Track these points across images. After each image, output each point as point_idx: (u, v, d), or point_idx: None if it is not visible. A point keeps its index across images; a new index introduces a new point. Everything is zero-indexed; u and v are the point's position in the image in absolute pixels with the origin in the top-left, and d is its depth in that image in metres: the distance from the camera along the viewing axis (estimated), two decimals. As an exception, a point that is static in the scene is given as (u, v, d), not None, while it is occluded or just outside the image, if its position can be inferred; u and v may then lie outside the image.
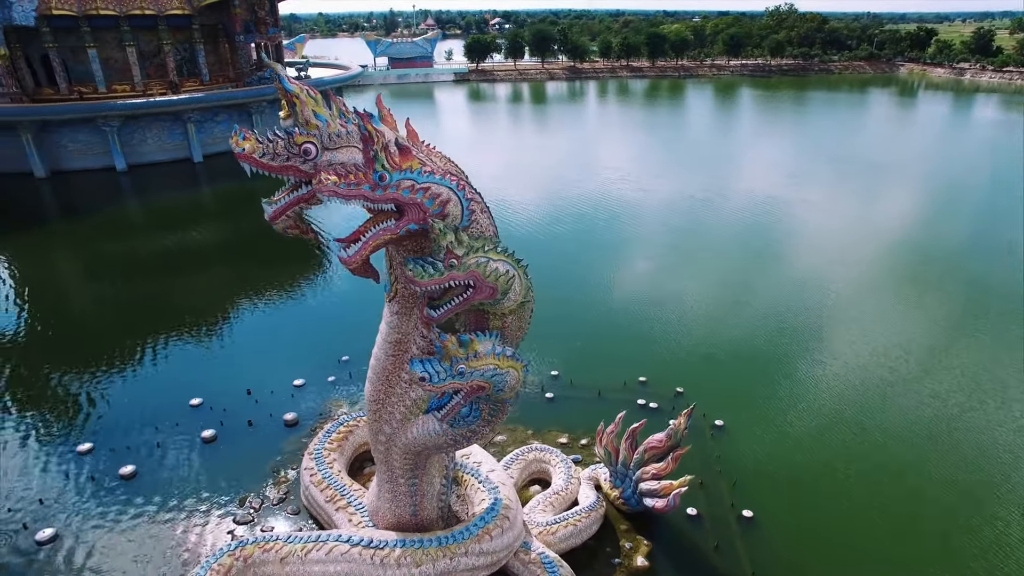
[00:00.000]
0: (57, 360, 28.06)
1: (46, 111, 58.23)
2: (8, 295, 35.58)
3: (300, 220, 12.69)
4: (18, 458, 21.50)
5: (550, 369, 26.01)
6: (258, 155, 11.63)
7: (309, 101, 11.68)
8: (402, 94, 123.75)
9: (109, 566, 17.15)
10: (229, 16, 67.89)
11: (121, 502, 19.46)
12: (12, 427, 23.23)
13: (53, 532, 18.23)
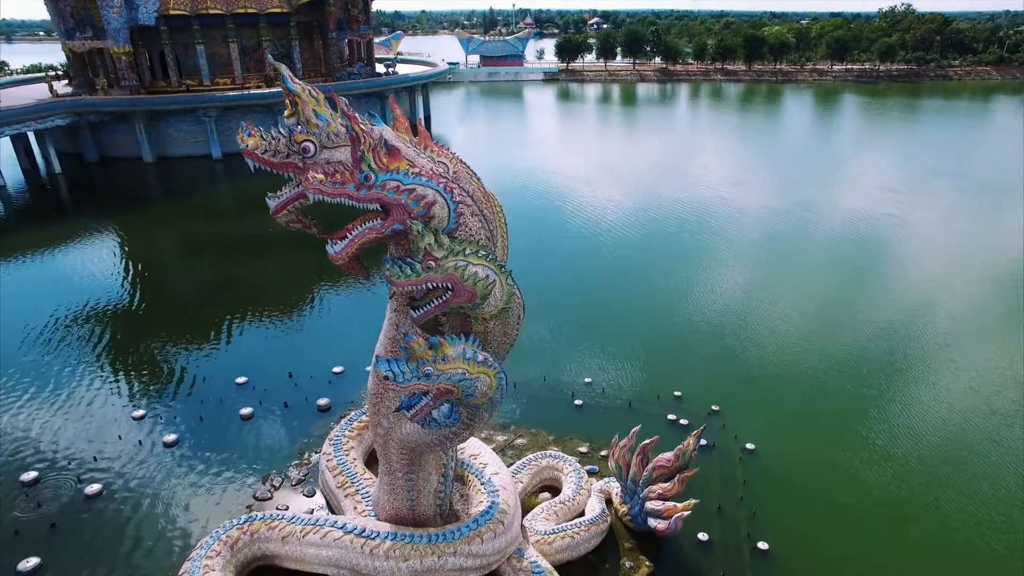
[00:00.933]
0: (137, 329, 30.77)
1: (156, 102, 63.26)
2: (114, 266, 39.56)
3: (302, 215, 13.12)
4: (84, 418, 23.55)
5: (584, 376, 25.63)
6: (260, 151, 12.12)
7: (310, 101, 12.03)
8: (491, 92, 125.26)
9: (141, 523, 18.53)
10: (324, 14, 71.12)
11: (161, 467, 20.92)
12: (84, 387, 25.48)
13: (100, 488, 19.86)
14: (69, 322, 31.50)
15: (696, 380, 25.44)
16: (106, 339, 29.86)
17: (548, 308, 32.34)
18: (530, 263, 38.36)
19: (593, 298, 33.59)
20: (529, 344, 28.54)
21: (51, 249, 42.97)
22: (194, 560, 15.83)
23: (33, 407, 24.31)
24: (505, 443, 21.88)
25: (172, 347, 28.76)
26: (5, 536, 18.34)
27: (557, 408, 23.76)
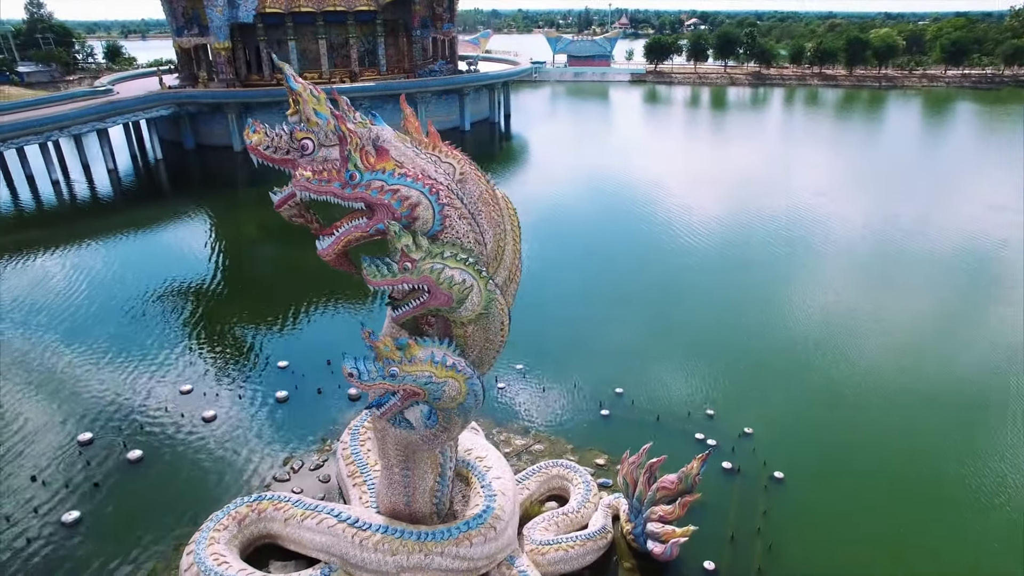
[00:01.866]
0: (208, 307, 33.23)
1: (245, 95, 67.14)
2: (200, 246, 42.79)
3: (305, 210, 13.46)
4: (140, 388, 25.33)
5: (616, 385, 25.02)
6: (263, 147, 12.48)
7: (311, 99, 12.28)
8: (577, 92, 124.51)
9: (172, 490, 19.81)
10: (409, 12, 72.95)
11: (198, 439, 22.20)
12: (146, 359, 27.41)
13: (141, 454, 21.32)
14: (151, 296, 34.09)
15: (732, 399, 24.30)
16: (178, 315, 32.04)
17: (595, 312, 31.92)
18: (586, 265, 38.10)
19: (644, 306, 32.77)
20: (567, 349, 28.30)
21: (148, 228, 46.84)
22: (203, 531, 16.66)
23: (101, 373, 26.41)
24: (522, 447, 21.71)
25: (233, 327, 30.49)
26: (57, 489, 20.02)
27: (583, 417, 23.35)
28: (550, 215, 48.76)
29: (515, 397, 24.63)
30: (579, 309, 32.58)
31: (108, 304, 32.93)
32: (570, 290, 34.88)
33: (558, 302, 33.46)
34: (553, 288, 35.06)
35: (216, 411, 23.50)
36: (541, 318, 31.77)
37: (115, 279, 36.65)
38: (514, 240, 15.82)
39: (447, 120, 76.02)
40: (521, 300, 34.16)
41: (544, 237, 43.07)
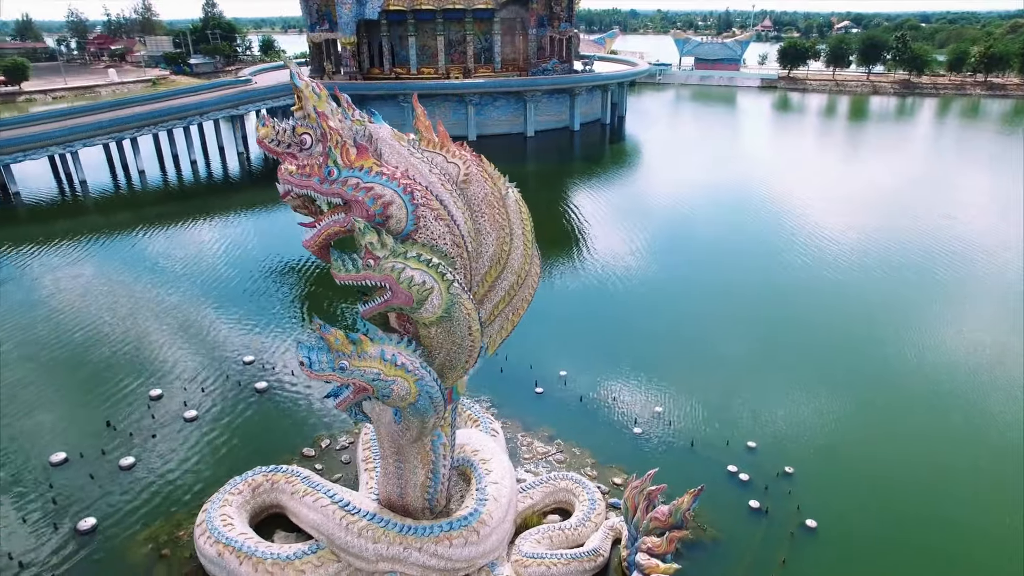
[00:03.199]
0: (302, 285, 35.69)
1: (363, 87, 70.81)
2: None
3: (310, 201, 14.02)
4: (208, 356, 27.63)
5: (656, 404, 23.96)
6: (268, 140, 13.13)
7: (311, 96, 12.74)
8: (702, 96, 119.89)
9: (217, 446, 21.56)
10: (527, 10, 73.51)
11: (249, 405, 23.93)
12: (223, 330, 29.87)
13: (195, 414, 23.30)
14: (259, 270, 37.50)
15: (780, 434, 22.46)
16: (276, 289, 34.70)
17: (653, 325, 30.72)
18: (660, 274, 36.64)
19: (710, 322, 31.06)
20: (615, 359, 27.48)
21: (267, 207, 50.79)
22: (220, 493, 17.91)
23: (184, 337, 29.14)
24: (543, 455, 21.35)
25: (326, 306, 32.59)
26: (121, 438, 22.33)
27: (614, 432, 22.57)
28: (641, 217, 47.46)
29: (549, 403, 24.27)
30: (639, 319, 31.50)
31: (220, 275, 36.49)
32: (634, 299, 33.78)
33: (618, 309, 32.56)
34: (618, 295, 34.16)
35: (268, 383, 25.13)
36: (596, 324, 31.12)
37: (234, 252, 40.81)
38: (525, 244, 15.62)
39: (556, 120, 75.96)
40: (574, 304, 32.71)
41: (623, 240, 42.06)
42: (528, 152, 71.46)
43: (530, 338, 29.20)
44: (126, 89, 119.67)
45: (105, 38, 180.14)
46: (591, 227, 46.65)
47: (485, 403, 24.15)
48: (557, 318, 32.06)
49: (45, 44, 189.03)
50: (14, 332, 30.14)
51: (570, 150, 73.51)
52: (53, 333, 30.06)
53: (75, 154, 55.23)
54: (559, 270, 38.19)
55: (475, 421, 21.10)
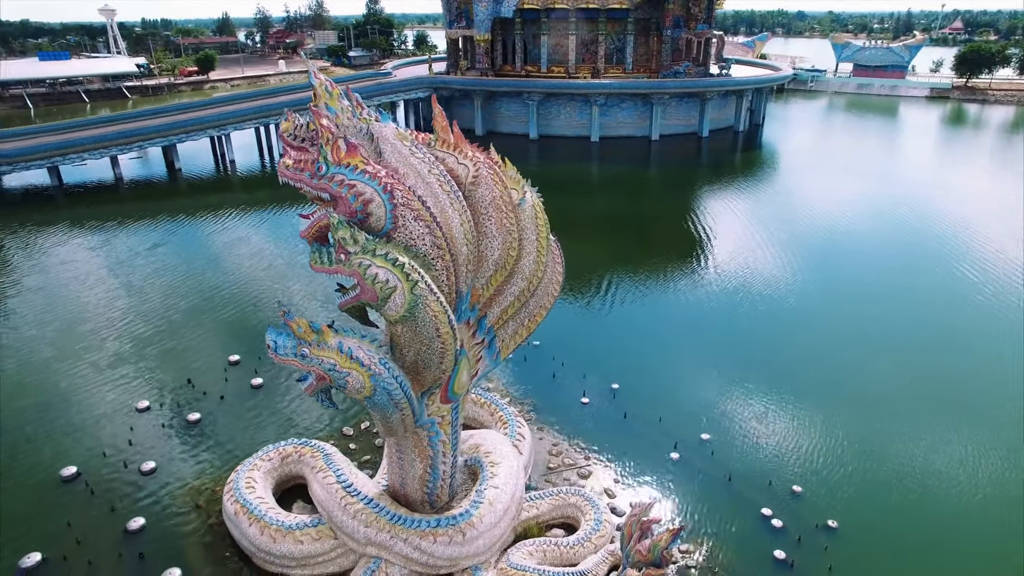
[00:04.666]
0: None
1: (490, 83, 72.42)
2: None
3: (319, 192, 14.64)
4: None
5: (704, 431, 22.51)
6: (287, 135, 13.93)
7: (323, 94, 13.33)
8: (857, 106, 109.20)
9: (276, 413, 23.27)
10: (662, 11, 71.31)
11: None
12: (317, 308, 32.11)
13: (261, 381, 25.27)
14: None
15: (833, 482, 20.22)
16: None
17: (736, 350, 28.74)
18: (778, 303, 33.62)
19: (798, 357, 28.41)
20: (677, 380, 26.16)
21: None
22: (252, 458, 19.37)
23: (272, 310, 31.66)
24: (570, 466, 20.86)
25: None
26: (196, 396, 24.79)
27: (650, 454, 21.50)
28: (762, 233, 44.01)
29: (592, 415, 23.62)
30: (717, 340, 29.59)
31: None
32: (721, 319, 31.79)
33: (700, 327, 30.85)
34: (706, 313, 32.37)
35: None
36: (669, 339, 29.75)
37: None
38: (538, 251, 15.38)
39: (684, 124, 73.07)
40: (654, 316, 30.98)
41: (734, 256, 39.58)
42: (652, 156, 69.43)
43: (591, 346, 28.71)
44: (291, 78, 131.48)
45: (282, 32, 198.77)
46: (704, 238, 44.28)
47: (527, 406, 24.03)
48: (629, 328, 31.16)
49: (236, 38, 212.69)
50: (151, 292, 34.49)
51: (696, 156, 70.38)
52: (179, 294, 34.04)
53: (227, 136, 61.70)
54: (655, 278, 37.02)
55: (504, 423, 21.05)
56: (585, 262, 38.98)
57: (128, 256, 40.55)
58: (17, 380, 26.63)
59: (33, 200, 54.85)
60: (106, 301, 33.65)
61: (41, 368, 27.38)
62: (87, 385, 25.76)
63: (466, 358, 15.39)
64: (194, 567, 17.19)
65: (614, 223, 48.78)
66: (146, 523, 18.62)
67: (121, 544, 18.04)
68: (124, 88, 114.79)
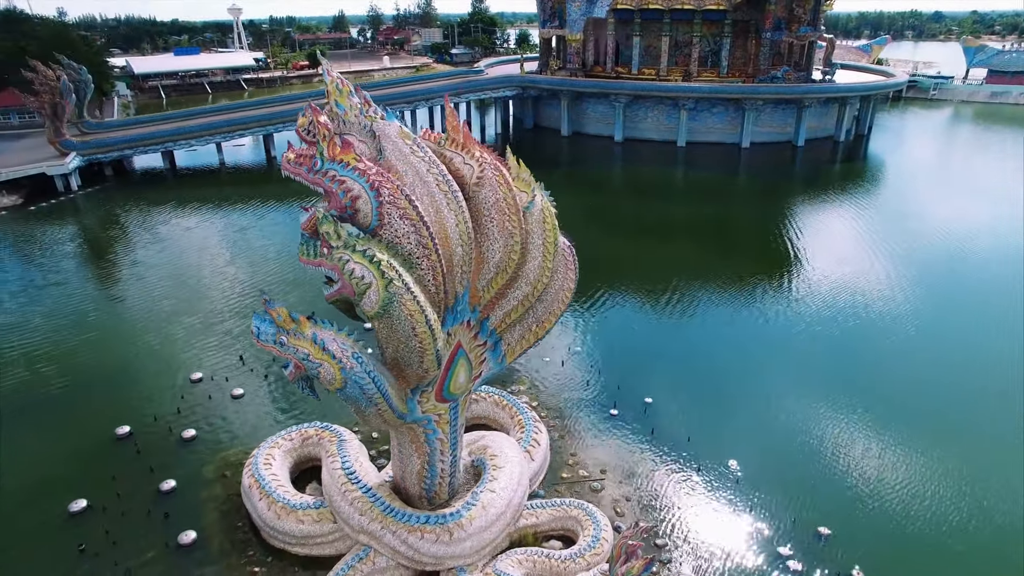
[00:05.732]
0: None
1: (578, 84, 71.84)
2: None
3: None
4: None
5: (732, 456, 21.35)
6: (302, 129, 14.52)
7: (334, 92, 13.79)
8: (989, 116, 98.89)
9: (320, 392, 24.31)
10: (762, 13, 68.00)
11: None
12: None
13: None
14: None
15: (866, 527, 18.56)
16: None
17: (793, 375, 27.13)
18: (854, 333, 30.70)
19: (859, 391, 26.15)
20: (720, 401, 24.87)
21: None
22: (274, 436, 20.34)
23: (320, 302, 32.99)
24: (583, 478, 20.43)
25: None
26: (244, 372, 26.30)
27: (670, 474, 20.68)
28: (852, 255, 39.79)
29: (618, 428, 22.98)
30: (774, 363, 27.94)
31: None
32: (784, 343, 29.98)
33: (758, 348, 29.21)
34: (768, 333, 30.66)
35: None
36: (722, 357, 28.39)
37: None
38: (544, 256, 15.21)
39: (778, 132, 69.20)
40: (715, 330, 29.56)
41: (816, 278, 36.60)
42: (740, 164, 66.36)
43: (635, 356, 27.98)
44: (394, 73, 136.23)
45: (391, 29, 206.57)
46: (787, 256, 40.87)
47: (552, 412, 23.76)
48: (682, 341, 30.15)
49: (349, 35, 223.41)
50: (230, 272, 36.97)
51: (789, 166, 66.43)
52: (255, 275, 36.33)
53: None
54: (727, 293, 35.07)
55: (521, 428, 20.93)
56: (655, 269, 38.19)
57: (218, 237, 43.66)
58: (101, 341, 29.36)
59: (149, 180, 60.20)
60: (191, 278, 36.41)
61: (122, 333, 30.08)
62: (155, 353, 28.00)
63: (464, 359, 15.46)
64: (209, 532, 18.30)
65: (694, 232, 47.24)
66: (176, 486, 20.01)
67: (153, 502, 19.50)
68: (242, 80, 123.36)
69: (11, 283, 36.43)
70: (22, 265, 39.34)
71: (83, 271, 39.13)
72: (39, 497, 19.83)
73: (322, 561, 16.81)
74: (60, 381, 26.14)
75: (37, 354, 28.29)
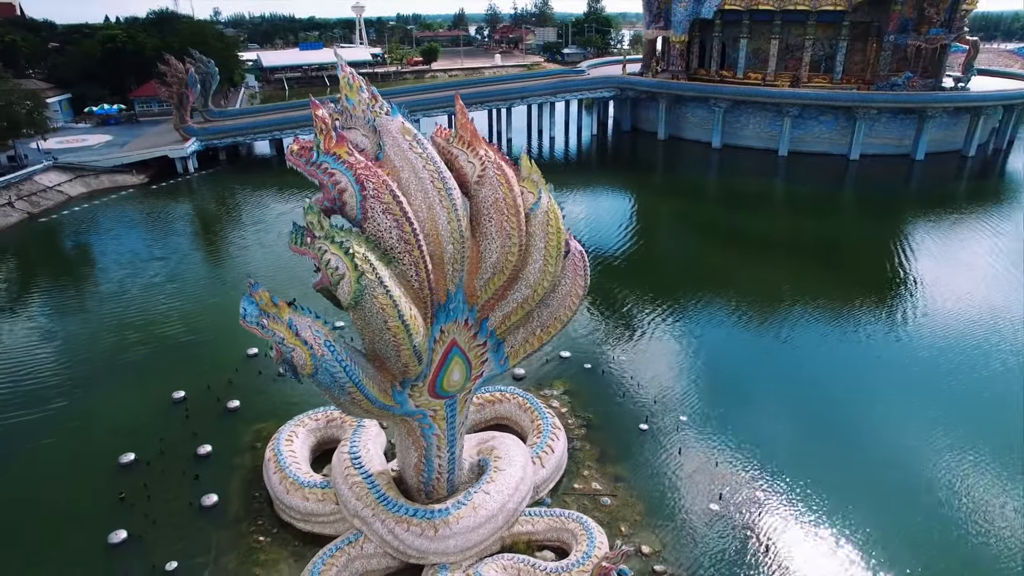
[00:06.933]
0: None
1: (676, 86, 69.58)
2: (618, 215, 48.39)
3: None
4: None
5: (760, 489, 19.97)
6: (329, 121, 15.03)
7: (345, 87, 14.19)
8: None
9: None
10: (886, 13, 62.63)
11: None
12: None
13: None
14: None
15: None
16: None
17: (845, 412, 24.99)
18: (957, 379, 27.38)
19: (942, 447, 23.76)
20: (761, 429, 23.28)
21: (576, 189, 56.33)
22: (301, 415, 21.30)
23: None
24: (594, 491, 19.85)
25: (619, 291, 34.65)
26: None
27: (687, 500, 19.65)
28: (968, 293, 34.62)
29: (644, 443, 22.13)
30: (848, 401, 25.70)
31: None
32: (859, 375, 27.53)
33: (829, 379, 27.08)
34: (842, 360, 28.38)
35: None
36: (786, 382, 26.59)
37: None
38: (545, 259, 15.00)
39: (894, 144, 63.29)
40: (767, 357, 30.72)
41: (917, 312, 32.80)
42: (847, 177, 61.40)
43: (683, 371, 26.86)
44: (504, 71, 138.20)
45: (507, 28, 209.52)
46: (893, 284, 36.78)
47: (580, 420, 23.27)
48: (745, 361, 28.16)
49: (467, 32, 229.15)
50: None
51: (904, 182, 60.35)
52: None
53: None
54: (811, 317, 32.17)
55: (539, 432, 20.68)
56: (736, 283, 36.02)
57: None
58: (182, 313, 32.02)
59: (257, 165, 64.93)
60: (273, 261, 38.79)
61: (203, 307, 32.70)
62: (226, 327, 29.94)
63: (460, 357, 15.48)
64: (229, 498, 19.53)
65: (792, 248, 44.06)
66: (212, 451, 21.50)
67: (189, 464, 21.07)
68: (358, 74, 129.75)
69: (122, 254, 40.53)
70: (134, 239, 43.62)
71: (183, 247, 42.72)
72: (99, 446, 21.98)
73: (321, 540, 17.39)
74: (140, 347, 28.79)
75: (128, 321, 31.34)
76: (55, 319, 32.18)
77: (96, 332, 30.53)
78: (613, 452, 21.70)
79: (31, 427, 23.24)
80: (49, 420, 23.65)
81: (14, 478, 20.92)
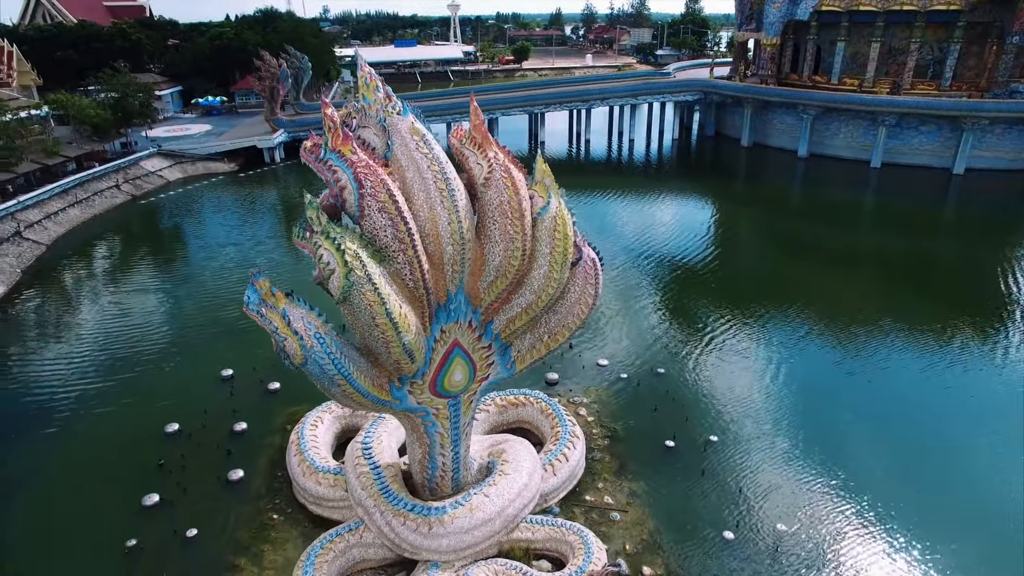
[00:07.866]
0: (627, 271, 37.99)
1: (763, 91, 66.45)
2: (695, 223, 47.38)
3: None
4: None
5: (784, 522, 18.85)
6: (337, 118, 15.51)
7: (362, 86, 14.51)
8: None
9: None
10: (1012, 12, 56.97)
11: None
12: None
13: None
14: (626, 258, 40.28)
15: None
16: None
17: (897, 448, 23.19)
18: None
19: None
20: (801, 457, 21.98)
21: (648, 193, 56.17)
22: (328, 403, 22.03)
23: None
24: (604, 505, 19.38)
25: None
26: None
27: (702, 525, 18.80)
28: None
29: (668, 462, 21.37)
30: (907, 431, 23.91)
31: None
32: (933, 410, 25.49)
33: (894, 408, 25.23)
34: (917, 389, 26.32)
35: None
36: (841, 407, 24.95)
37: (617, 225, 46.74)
38: (551, 266, 14.86)
39: (1008, 158, 57.37)
40: (830, 383, 27.48)
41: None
42: (950, 193, 56.54)
43: (727, 390, 25.72)
44: (594, 71, 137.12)
45: (602, 28, 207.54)
46: (1011, 310, 33.52)
47: (607, 430, 22.78)
48: (806, 386, 26.06)
49: (562, 32, 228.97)
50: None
51: (1018, 201, 54.93)
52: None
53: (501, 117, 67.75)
54: (887, 344, 29.59)
55: (556, 436, 20.46)
56: (810, 302, 33.81)
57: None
58: (233, 297, 33.78)
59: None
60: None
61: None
62: (280, 311, 31.61)
63: (462, 358, 15.53)
64: (254, 475, 20.54)
65: (883, 267, 39.98)
66: (247, 428, 22.71)
67: (224, 439, 22.31)
68: (449, 71, 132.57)
69: (204, 238, 43.47)
70: (216, 224, 46.61)
71: (259, 234, 45.23)
72: (150, 415, 23.67)
73: (329, 524, 17.96)
74: (201, 329, 30.70)
75: (197, 303, 33.53)
76: (135, 296, 34.94)
77: (170, 310, 32.93)
78: (633, 467, 21.11)
79: (97, 395, 25.39)
80: (114, 389, 25.74)
81: (79, 437, 22.90)
